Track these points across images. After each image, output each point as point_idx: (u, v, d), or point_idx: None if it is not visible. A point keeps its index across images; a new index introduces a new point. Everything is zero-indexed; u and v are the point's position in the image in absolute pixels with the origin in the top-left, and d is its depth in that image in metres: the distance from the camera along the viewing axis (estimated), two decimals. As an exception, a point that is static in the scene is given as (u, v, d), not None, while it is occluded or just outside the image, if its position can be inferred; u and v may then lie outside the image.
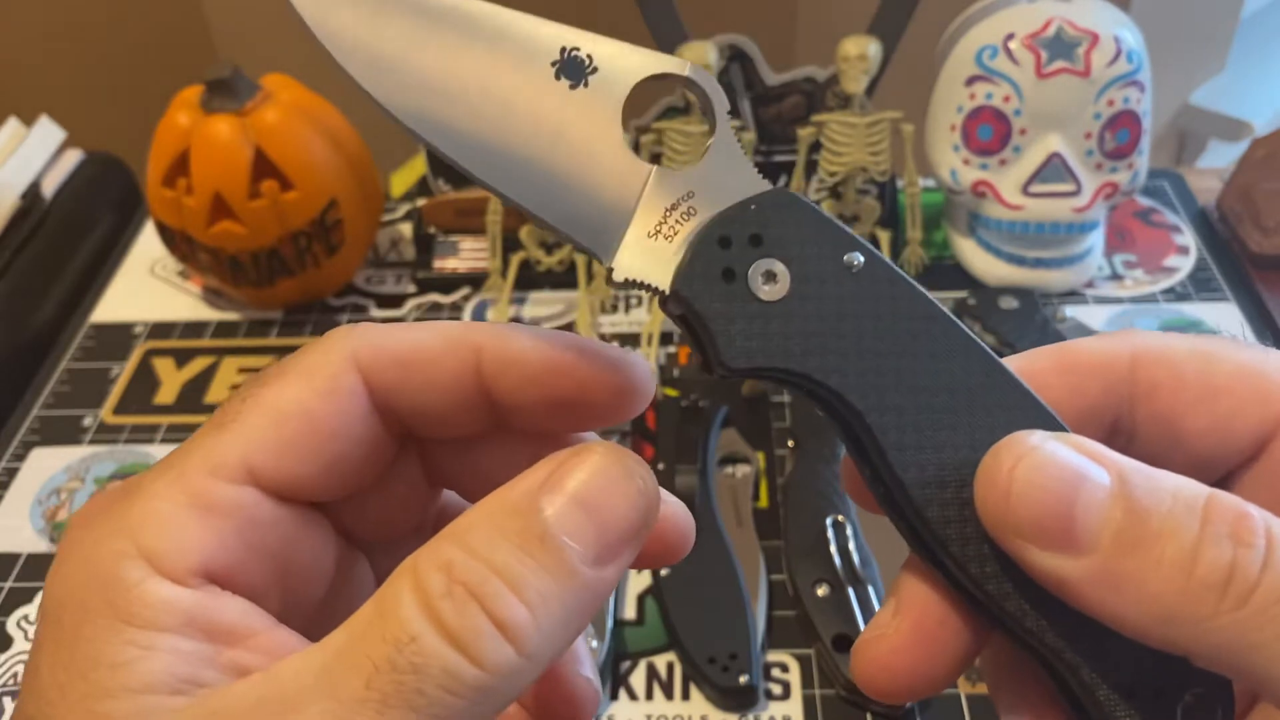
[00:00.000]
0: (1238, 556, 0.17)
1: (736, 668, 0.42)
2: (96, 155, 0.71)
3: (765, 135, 0.61)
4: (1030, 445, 0.19)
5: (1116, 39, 0.55)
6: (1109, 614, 0.18)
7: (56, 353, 0.61)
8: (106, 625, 0.18)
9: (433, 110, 0.20)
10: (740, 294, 0.20)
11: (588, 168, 0.20)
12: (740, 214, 0.20)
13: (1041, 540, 0.18)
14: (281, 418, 0.20)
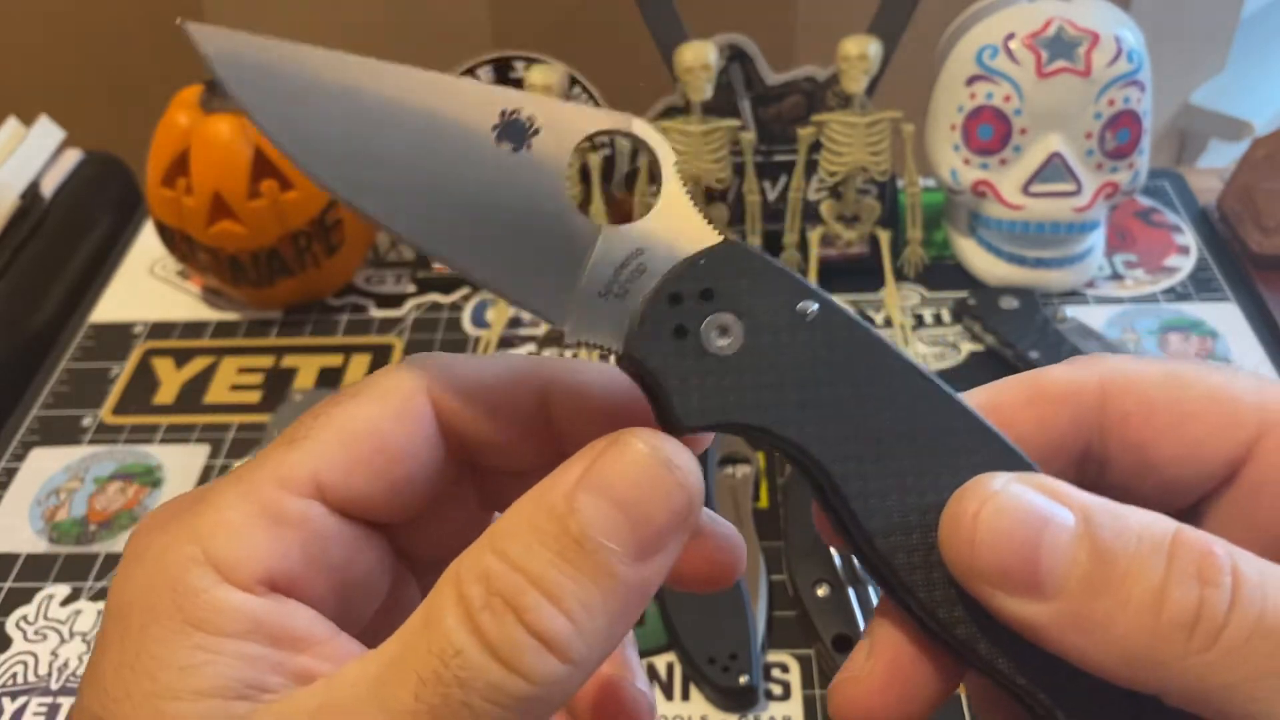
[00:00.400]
0: (1205, 596, 0.17)
1: (737, 668, 0.42)
2: (96, 155, 0.71)
3: (765, 135, 0.61)
4: (993, 489, 0.18)
5: (1117, 39, 0.55)
6: (1078, 657, 0.18)
7: (56, 353, 0.61)
8: (175, 629, 0.18)
9: (370, 185, 0.19)
10: (693, 350, 0.20)
11: (534, 232, 0.20)
12: (689, 270, 0.20)
13: (1007, 586, 0.18)
14: (352, 437, 0.20)
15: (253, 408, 0.56)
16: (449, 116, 0.19)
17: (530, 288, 0.20)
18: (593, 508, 0.18)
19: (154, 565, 0.19)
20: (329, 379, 0.58)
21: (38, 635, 0.46)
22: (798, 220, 0.61)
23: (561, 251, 0.20)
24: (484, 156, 0.19)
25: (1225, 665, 0.16)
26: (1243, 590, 0.17)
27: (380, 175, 0.19)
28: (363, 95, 0.19)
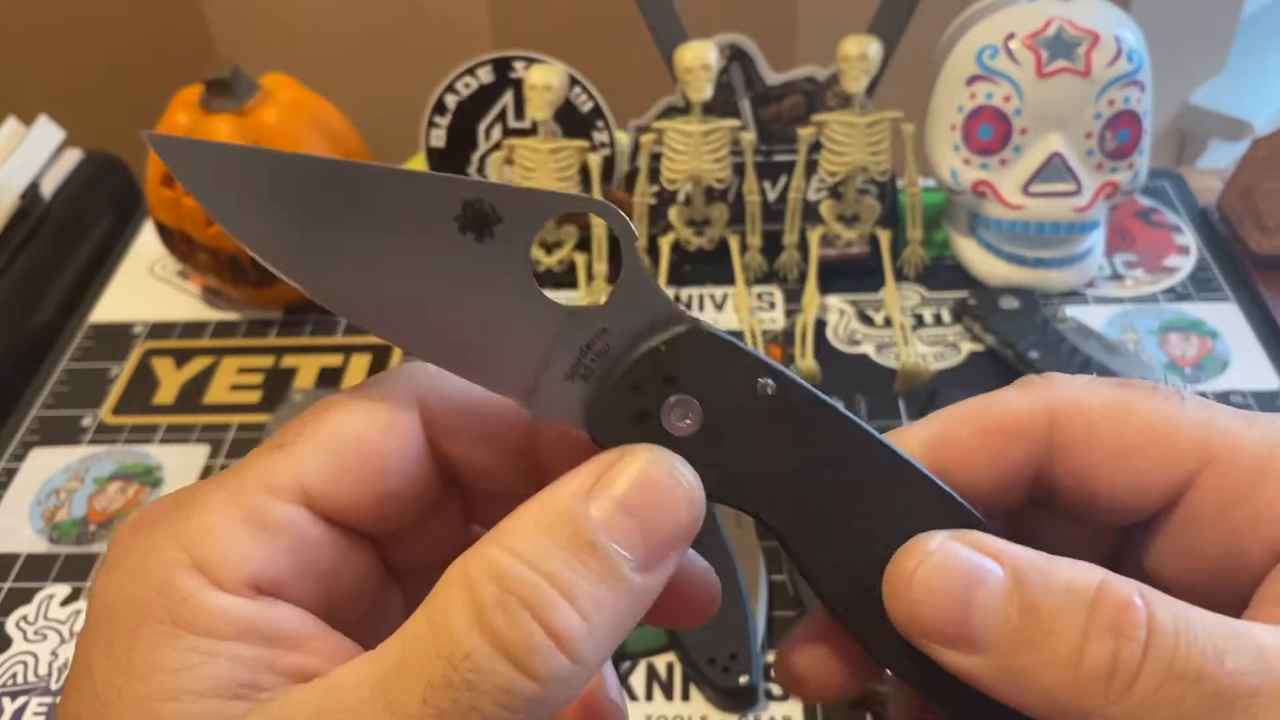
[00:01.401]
0: (1120, 650, 0.18)
1: (737, 668, 0.42)
2: (96, 155, 0.71)
3: (765, 135, 0.61)
4: (928, 550, 0.19)
5: (1117, 38, 0.55)
6: (1012, 703, 0.19)
7: (56, 353, 0.61)
8: (165, 632, 0.18)
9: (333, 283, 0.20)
10: (654, 432, 0.20)
11: (498, 319, 0.20)
12: (651, 359, 0.20)
13: (943, 640, 0.19)
14: (340, 446, 0.20)
15: (252, 408, 0.56)
16: (410, 211, 0.19)
17: (496, 371, 0.20)
18: (606, 515, 0.18)
19: (139, 568, 0.19)
20: (329, 379, 0.58)
21: (38, 635, 0.46)
22: (798, 220, 0.61)
23: (526, 336, 0.20)
24: (445, 249, 0.19)
25: (1140, 712, 0.17)
26: (1155, 640, 0.17)
27: (343, 272, 0.20)
28: (323, 197, 0.19)
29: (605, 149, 0.61)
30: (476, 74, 0.61)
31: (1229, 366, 0.56)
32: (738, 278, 0.60)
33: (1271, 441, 0.20)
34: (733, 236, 0.62)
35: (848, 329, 0.59)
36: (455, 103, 0.61)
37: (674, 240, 0.62)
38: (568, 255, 0.62)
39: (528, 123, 0.61)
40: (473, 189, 0.19)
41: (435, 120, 0.62)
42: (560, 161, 0.59)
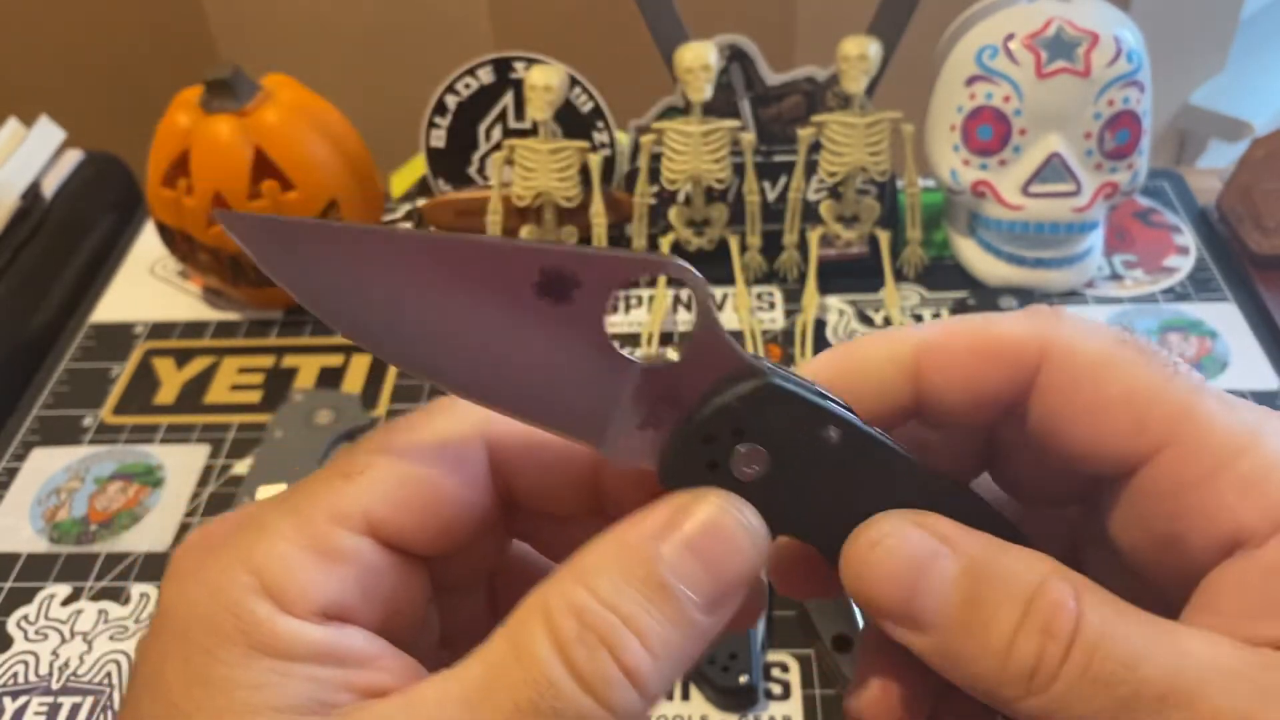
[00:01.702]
0: (1045, 649, 0.19)
1: (737, 668, 0.42)
2: (96, 155, 0.71)
3: (765, 135, 0.61)
4: (885, 531, 0.20)
5: (1116, 39, 0.55)
6: (950, 679, 0.20)
7: (56, 353, 0.61)
8: (242, 653, 0.19)
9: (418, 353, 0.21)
10: (723, 480, 0.21)
11: (579, 376, 0.21)
12: (724, 413, 0.21)
13: (891, 618, 0.20)
14: (407, 480, 0.21)
15: (253, 408, 0.57)
16: (490, 280, 0.20)
17: (576, 424, 0.21)
18: (678, 557, 0.19)
19: (210, 589, 0.20)
20: (329, 379, 0.58)
21: (39, 635, 0.46)
22: (797, 220, 0.61)
23: (605, 391, 0.21)
24: (527, 314, 0.20)
25: (1055, 707, 0.19)
26: (1078, 642, 0.19)
27: (427, 343, 0.20)
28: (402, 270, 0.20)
29: (605, 149, 0.61)
30: (477, 74, 0.61)
31: (1228, 366, 0.56)
32: (737, 278, 0.60)
33: (1242, 434, 0.20)
34: (732, 236, 0.62)
35: (847, 329, 0.59)
36: (455, 103, 0.61)
37: (674, 240, 0.62)
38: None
39: (528, 123, 0.61)
40: (552, 256, 0.20)
41: (435, 120, 0.62)
42: (560, 162, 0.59)
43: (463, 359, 0.20)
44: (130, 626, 0.46)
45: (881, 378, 0.22)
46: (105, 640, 0.46)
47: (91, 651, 0.45)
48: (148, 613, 0.47)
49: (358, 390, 0.57)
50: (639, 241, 0.62)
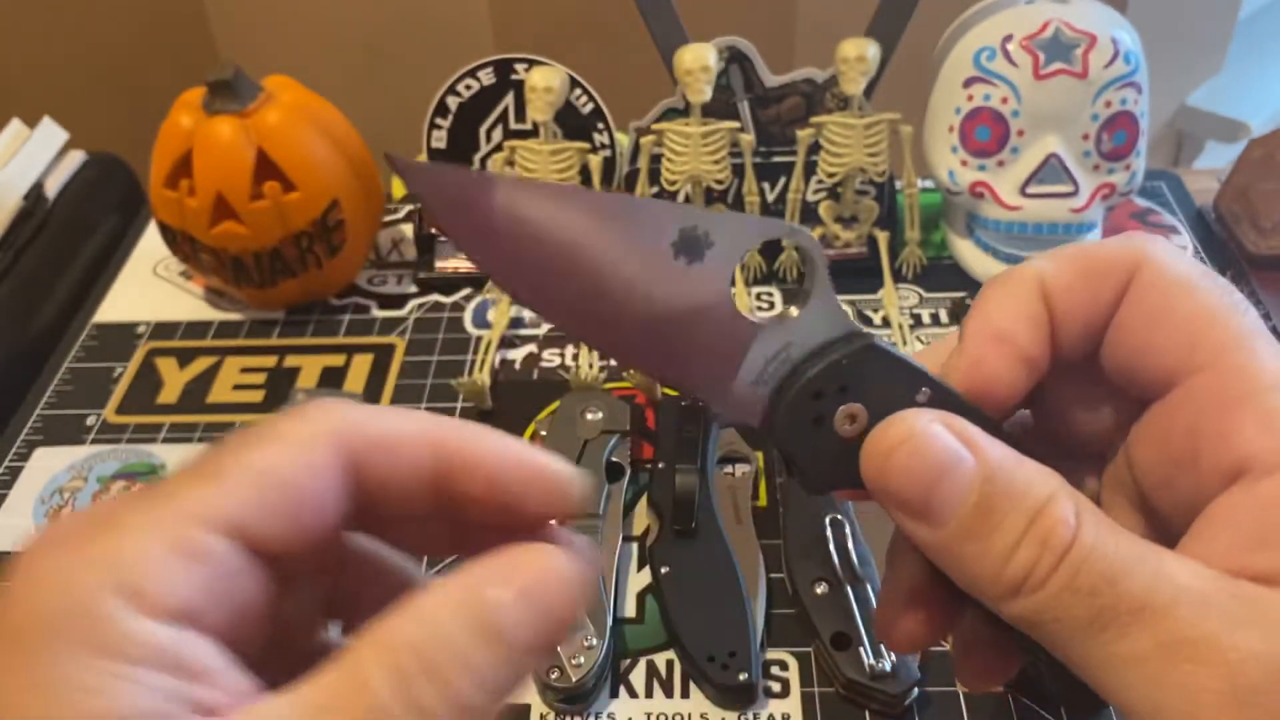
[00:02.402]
0: (1039, 559, 0.21)
1: (736, 665, 0.42)
2: (99, 156, 0.72)
3: (764, 136, 0.62)
4: (915, 429, 0.22)
5: (1114, 40, 0.56)
6: (949, 573, 0.22)
7: (59, 353, 0.61)
8: (85, 654, 0.18)
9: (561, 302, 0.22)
10: (825, 436, 0.23)
11: (705, 334, 0.22)
12: (833, 371, 0.23)
13: (906, 510, 0.22)
14: (263, 479, 0.21)
15: (255, 407, 0.57)
16: (637, 236, 0.21)
17: (696, 380, 0.23)
18: (511, 606, 0.20)
19: (58, 587, 0.19)
20: (331, 379, 0.58)
21: (42, 633, 0.47)
22: (796, 221, 0.61)
23: (727, 349, 0.22)
24: (663, 271, 0.22)
25: (1038, 610, 0.21)
26: (1069, 556, 0.21)
27: (569, 293, 0.22)
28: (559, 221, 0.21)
29: (605, 150, 0.61)
30: (478, 76, 0.61)
31: (1225, 366, 0.56)
32: (737, 278, 0.61)
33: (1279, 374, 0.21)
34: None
35: (846, 329, 0.59)
36: (457, 104, 0.62)
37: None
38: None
39: (529, 124, 0.61)
40: (690, 216, 0.22)
41: (437, 122, 0.62)
42: (561, 163, 0.59)
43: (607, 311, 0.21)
44: (133, 625, 0.47)
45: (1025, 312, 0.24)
46: (108, 638, 0.46)
47: None
48: (150, 611, 0.47)
49: (359, 390, 0.57)
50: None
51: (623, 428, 0.51)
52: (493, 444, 0.23)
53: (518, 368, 0.58)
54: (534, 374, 0.58)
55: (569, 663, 0.41)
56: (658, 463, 0.50)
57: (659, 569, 0.46)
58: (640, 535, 0.49)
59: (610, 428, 0.51)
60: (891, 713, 0.41)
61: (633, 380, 0.54)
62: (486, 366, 0.56)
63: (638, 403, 0.55)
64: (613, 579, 0.46)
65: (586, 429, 0.51)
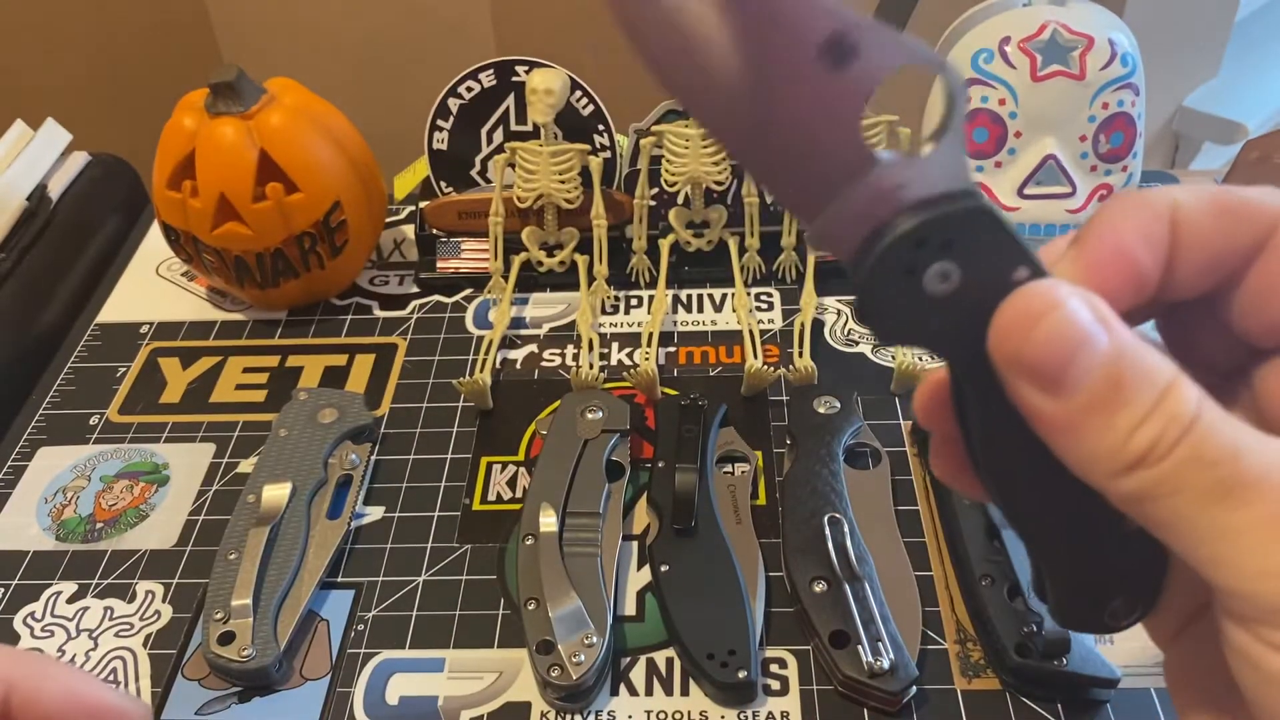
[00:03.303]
0: (1165, 432, 0.21)
1: (735, 663, 0.42)
2: (102, 157, 0.72)
3: (764, 138, 0.62)
4: (1057, 300, 0.21)
5: (1111, 42, 0.56)
6: (1062, 450, 0.22)
7: (63, 352, 0.62)
8: None
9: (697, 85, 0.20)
10: (913, 288, 0.22)
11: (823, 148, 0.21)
12: (943, 222, 0.21)
13: (1036, 381, 0.22)
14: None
15: (258, 406, 0.57)
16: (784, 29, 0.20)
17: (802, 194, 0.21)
18: None
19: None
20: (333, 379, 0.59)
21: (45, 632, 0.47)
22: (795, 222, 0.61)
23: (839, 171, 0.21)
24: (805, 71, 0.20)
25: (1156, 482, 0.21)
26: (1194, 430, 0.21)
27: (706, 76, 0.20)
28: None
29: (606, 152, 0.62)
30: (479, 78, 0.61)
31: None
32: (736, 279, 0.61)
33: None
34: (731, 238, 0.63)
35: (845, 329, 0.60)
36: (458, 106, 0.62)
37: (673, 242, 0.62)
38: (568, 257, 0.62)
39: (529, 126, 0.62)
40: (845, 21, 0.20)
41: (438, 123, 0.62)
42: (561, 164, 0.60)
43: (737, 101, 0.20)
44: (135, 624, 0.47)
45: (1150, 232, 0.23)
46: (111, 637, 0.46)
47: (97, 649, 0.46)
48: (153, 610, 0.47)
49: (361, 389, 0.57)
50: (639, 243, 0.62)
51: (623, 427, 0.52)
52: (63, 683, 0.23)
53: (519, 367, 0.58)
54: (535, 374, 0.58)
55: (569, 661, 0.42)
56: (658, 462, 0.50)
57: (659, 567, 0.46)
58: (640, 534, 0.49)
59: (610, 427, 0.51)
60: (889, 710, 0.41)
61: (633, 380, 0.55)
62: (488, 366, 0.56)
63: (638, 402, 0.55)
64: (613, 577, 0.47)
65: (587, 428, 0.51)
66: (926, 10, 0.60)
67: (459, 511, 0.51)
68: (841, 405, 0.51)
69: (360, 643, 0.45)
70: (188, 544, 0.50)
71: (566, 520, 0.47)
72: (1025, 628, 0.42)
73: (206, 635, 0.44)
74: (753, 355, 0.55)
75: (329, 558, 0.48)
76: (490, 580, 0.47)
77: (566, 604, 0.43)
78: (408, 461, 0.53)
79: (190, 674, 0.45)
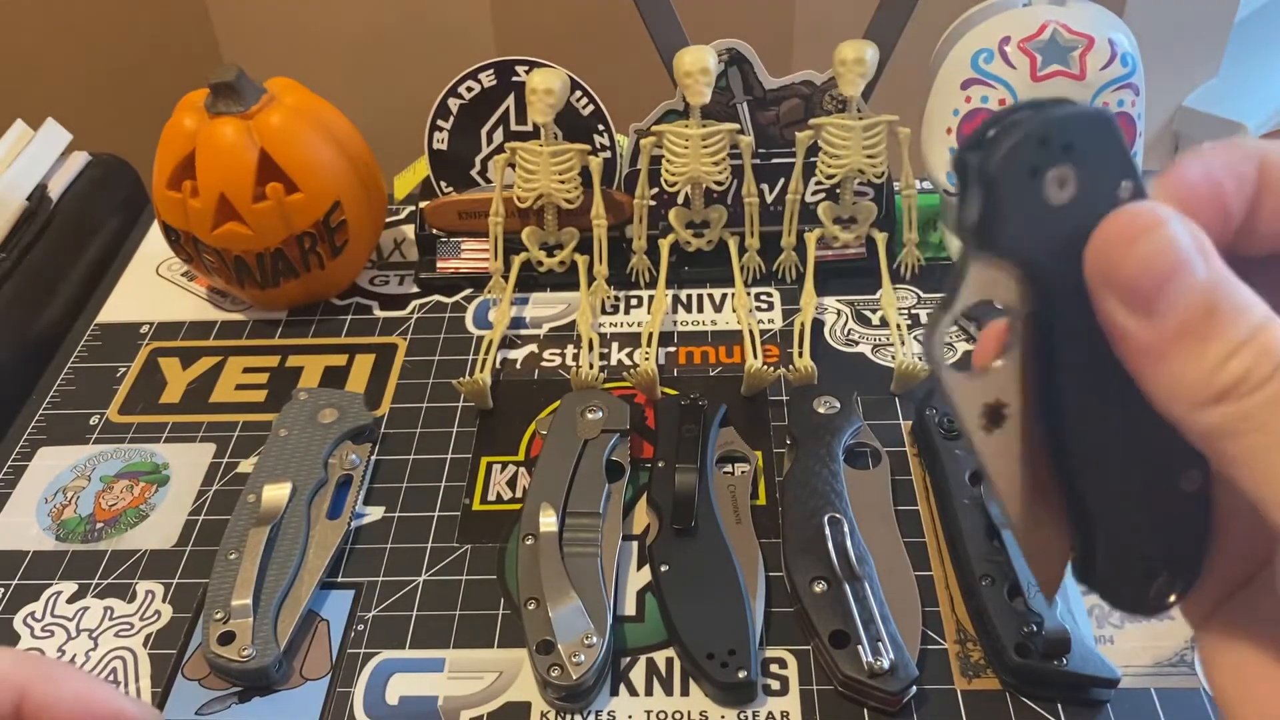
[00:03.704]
0: (1258, 365, 0.20)
1: (735, 663, 0.42)
2: (102, 157, 0.72)
3: (763, 138, 0.62)
4: (1160, 219, 0.21)
5: (1111, 43, 0.56)
6: (1146, 377, 0.22)
7: (63, 352, 0.62)
8: None
9: None
10: (1033, 190, 0.22)
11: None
12: (1066, 123, 0.22)
13: (1129, 299, 0.21)
14: None
15: (258, 406, 0.57)
16: None
17: None
18: None
19: None
20: (333, 378, 0.59)
21: (45, 632, 0.47)
22: (795, 222, 0.61)
23: None
24: None
25: (1244, 415, 0.21)
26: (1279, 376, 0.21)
27: None
28: None
29: (606, 152, 0.62)
30: (479, 78, 0.61)
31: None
32: (736, 279, 0.61)
33: None
34: (731, 238, 0.63)
35: (845, 329, 0.60)
36: (458, 106, 0.62)
37: (673, 242, 0.62)
38: (568, 257, 0.62)
39: (529, 126, 0.62)
40: None
41: (438, 124, 0.62)
42: (561, 164, 0.60)
43: None
44: (135, 624, 0.47)
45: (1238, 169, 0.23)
46: (111, 637, 0.46)
47: (97, 649, 0.46)
48: (153, 610, 0.48)
49: (361, 389, 0.57)
50: (639, 243, 0.62)
51: (623, 427, 0.52)
52: (74, 689, 0.23)
53: (519, 367, 0.58)
54: (535, 374, 0.58)
55: (569, 661, 0.42)
56: (657, 462, 0.50)
57: (659, 567, 0.46)
58: (640, 534, 0.49)
59: (610, 427, 0.52)
60: (889, 710, 0.41)
61: (633, 380, 0.55)
62: (488, 366, 0.56)
63: (637, 402, 0.55)
64: (613, 577, 0.47)
65: (587, 428, 0.51)
66: (926, 10, 0.60)
67: (459, 511, 0.51)
68: (841, 405, 0.51)
69: (360, 643, 0.45)
70: (188, 544, 0.50)
71: (566, 520, 0.48)
72: (1025, 628, 0.42)
73: (206, 635, 0.44)
74: (753, 355, 0.55)
75: (329, 558, 0.48)
76: (490, 580, 0.48)
77: (566, 604, 0.44)
78: (408, 461, 0.53)
79: (190, 674, 0.45)
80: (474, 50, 0.75)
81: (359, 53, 1.01)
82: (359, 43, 1.01)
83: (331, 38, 1.00)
